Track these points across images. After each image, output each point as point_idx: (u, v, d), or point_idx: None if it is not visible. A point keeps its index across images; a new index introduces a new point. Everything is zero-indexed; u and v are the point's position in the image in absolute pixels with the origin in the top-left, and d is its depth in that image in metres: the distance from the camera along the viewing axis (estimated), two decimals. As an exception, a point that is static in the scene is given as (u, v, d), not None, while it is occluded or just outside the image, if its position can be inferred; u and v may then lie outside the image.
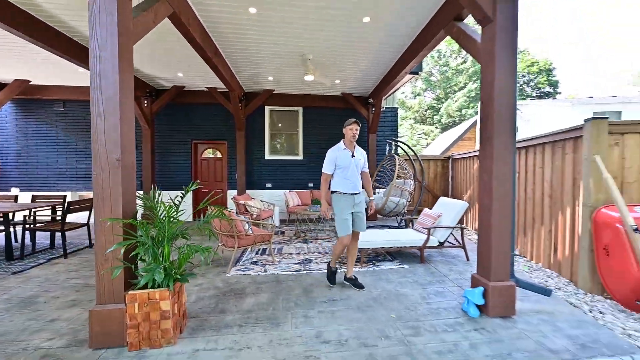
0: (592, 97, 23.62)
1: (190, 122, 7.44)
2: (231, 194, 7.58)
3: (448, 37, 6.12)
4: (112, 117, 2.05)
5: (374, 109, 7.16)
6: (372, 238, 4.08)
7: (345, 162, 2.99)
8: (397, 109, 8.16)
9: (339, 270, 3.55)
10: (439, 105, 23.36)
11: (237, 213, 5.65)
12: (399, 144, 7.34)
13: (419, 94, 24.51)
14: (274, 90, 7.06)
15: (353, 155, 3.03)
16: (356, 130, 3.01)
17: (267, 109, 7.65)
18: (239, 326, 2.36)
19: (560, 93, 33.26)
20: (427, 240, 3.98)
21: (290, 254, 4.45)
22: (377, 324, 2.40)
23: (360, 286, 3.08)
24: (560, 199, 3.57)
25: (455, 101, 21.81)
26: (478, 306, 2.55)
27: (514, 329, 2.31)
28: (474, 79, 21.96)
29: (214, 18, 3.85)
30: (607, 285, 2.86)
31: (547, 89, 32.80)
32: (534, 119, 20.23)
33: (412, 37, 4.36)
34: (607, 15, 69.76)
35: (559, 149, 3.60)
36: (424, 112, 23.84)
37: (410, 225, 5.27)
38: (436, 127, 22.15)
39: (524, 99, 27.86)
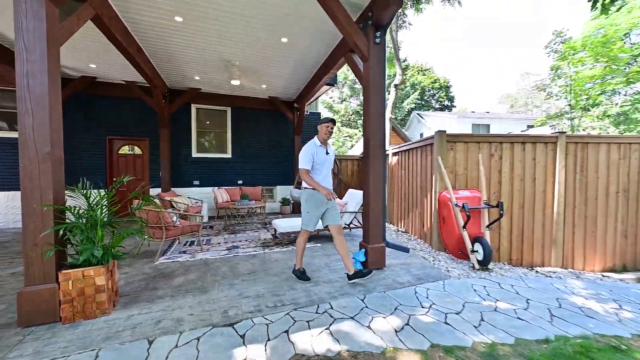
0: (473, 112, 29.64)
1: (105, 117, 6.94)
2: (155, 192, 7.36)
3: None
4: (41, 114, 2.24)
5: (298, 113, 7.97)
6: (292, 224, 4.82)
7: (321, 159, 3.02)
8: (319, 113, 9.18)
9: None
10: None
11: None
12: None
13: (345, 100, 26.73)
14: (200, 89, 7.19)
15: (327, 153, 3.09)
16: (331, 128, 3.03)
17: (193, 107, 7.68)
18: (171, 297, 2.77)
19: (455, 106, 40.46)
20: (336, 223, 4.94)
21: (219, 243, 4.86)
22: (289, 282, 3.13)
23: (367, 273, 3.12)
24: (426, 188, 4.96)
25: (375, 108, 24.61)
26: (362, 263, 3.52)
27: (382, 274, 3.35)
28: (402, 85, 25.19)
29: (137, 21, 4.00)
30: (445, 243, 4.24)
31: (447, 102, 39.55)
32: (434, 127, 24.46)
33: (322, 59, 5.33)
34: (487, 46, 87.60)
35: (424, 152, 4.99)
36: (349, 116, 26.13)
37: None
38: (360, 131, 24.61)
39: (428, 109, 33.00)
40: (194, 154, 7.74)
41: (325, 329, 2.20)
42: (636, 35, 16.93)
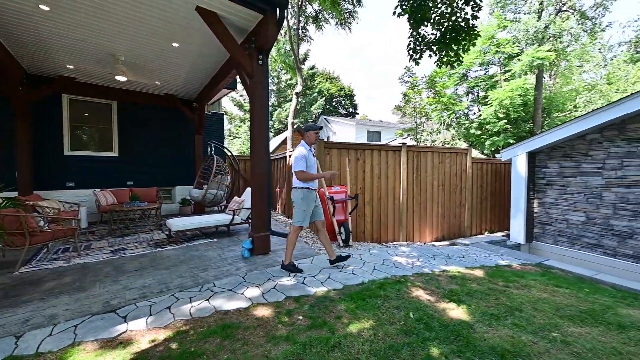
0: (370, 120, 34.16)
1: None
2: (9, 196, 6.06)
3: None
4: None
5: (198, 112, 7.93)
6: (187, 222, 5.00)
7: (311, 162, 3.42)
8: (222, 114, 9.29)
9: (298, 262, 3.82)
10: (273, 112, 26.57)
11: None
12: (219, 145, 8.49)
13: (255, 100, 26.77)
14: (75, 78, 6.34)
15: (314, 156, 3.53)
16: (318, 134, 3.51)
17: (65, 97, 6.67)
18: (41, 299, 2.71)
19: (358, 113, 45.52)
20: (233, 219, 5.38)
21: (102, 247, 4.59)
22: (177, 272, 3.44)
23: (346, 257, 3.64)
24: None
25: (285, 110, 25.65)
26: (250, 250, 4.12)
27: (265, 257, 4.03)
28: (301, 93, 26.63)
29: (-16, -4, 3.48)
30: (323, 229, 5.27)
31: (351, 109, 44.10)
32: (338, 132, 27.24)
33: (217, 67, 5.69)
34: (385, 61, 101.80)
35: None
36: (260, 116, 26.35)
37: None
38: (270, 131, 25.20)
39: (335, 115, 36.20)
40: (67, 152, 6.73)
41: (205, 300, 2.70)
42: (474, 72, 23.36)
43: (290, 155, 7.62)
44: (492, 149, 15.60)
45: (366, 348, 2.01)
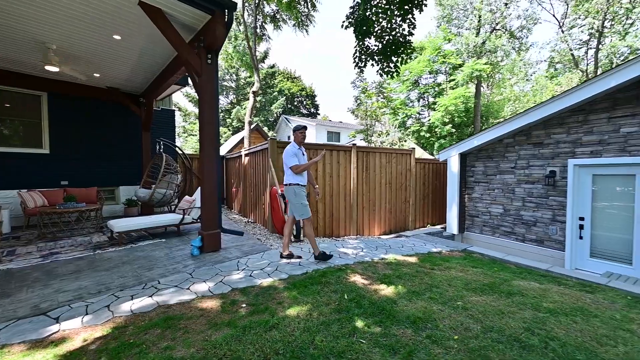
0: (330, 121, 34.93)
1: None
2: None
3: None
4: None
5: (146, 108, 7.53)
6: (132, 223, 4.80)
7: (301, 159, 3.71)
8: (174, 110, 8.90)
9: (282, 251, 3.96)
10: (232, 110, 25.85)
11: None
12: (169, 143, 8.15)
13: (212, 96, 25.77)
14: (-6, 64, 5.63)
15: (303, 154, 3.78)
16: (305, 134, 3.80)
17: (-19, 85, 5.88)
18: (-47, 309, 2.48)
19: (319, 114, 46.18)
20: (183, 219, 5.28)
21: (30, 252, 4.21)
22: (119, 273, 3.35)
23: (329, 256, 3.87)
24: (266, 184, 6.05)
25: (245, 108, 25.13)
26: (200, 248, 4.13)
27: (215, 255, 4.08)
28: (260, 92, 26.28)
29: None
30: (276, 227, 5.44)
31: (312, 109, 44.56)
32: (299, 131, 27.45)
33: (166, 62, 5.53)
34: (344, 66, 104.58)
35: (264, 155, 6.07)
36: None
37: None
38: (228, 129, 24.45)
39: (297, 114, 36.32)
40: (-17, 147, 5.93)
41: (149, 297, 2.72)
42: (425, 79, 25.35)
43: (245, 155, 7.63)
44: (440, 150, 17.18)
45: (301, 326, 2.25)
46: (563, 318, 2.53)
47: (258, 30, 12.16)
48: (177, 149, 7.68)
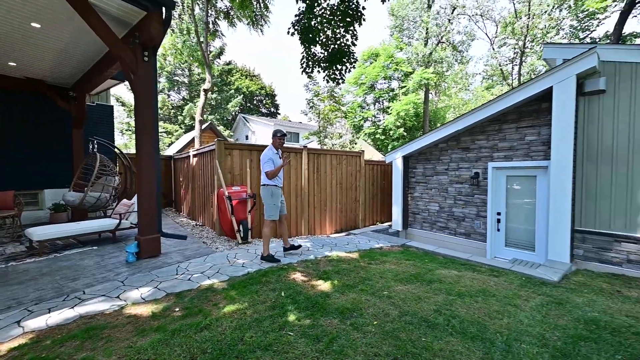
0: (290, 121, 34.91)
1: None
2: None
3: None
4: None
5: (77, 103, 6.82)
6: (56, 230, 4.35)
7: (277, 161, 4.04)
8: (112, 106, 8.19)
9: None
10: (184, 107, 24.41)
11: None
12: (105, 143, 7.50)
13: (162, 91, 24.03)
14: None
15: (280, 157, 4.13)
16: (284, 140, 4.18)
17: None
18: None
19: (280, 113, 45.74)
20: (119, 224, 4.93)
21: None
22: (36, 286, 3.06)
23: (297, 246, 4.39)
24: (214, 186, 5.92)
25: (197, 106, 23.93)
26: (136, 254, 3.93)
27: (154, 260, 3.92)
28: (215, 89, 25.24)
29: None
30: (223, 229, 5.38)
31: (272, 109, 44.02)
32: (258, 131, 26.99)
33: (100, 55, 5.10)
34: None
35: (212, 156, 5.94)
36: (169, 110, 23.80)
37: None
38: (181, 127, 23.04)
39: (256, 114, 35.61)
40: None
41: (69, 308, 2.55)
42: (380, 84, 26.72)
43: (194, 155, 7.36)
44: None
45: (233, 324, 2.33)
46: (468, 299, 2.97)
47: (210, 26, 11.72)
48: (115, 149, 7.09)
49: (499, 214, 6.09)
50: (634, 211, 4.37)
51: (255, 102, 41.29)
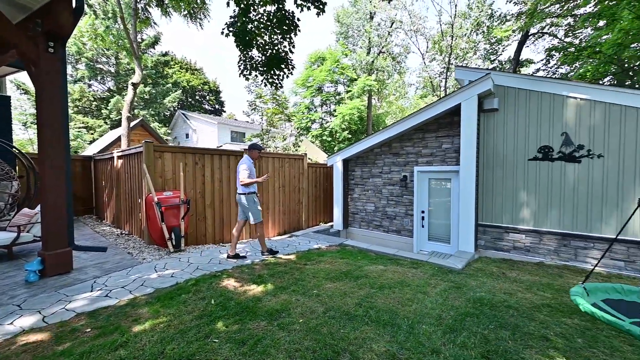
0: (236, 119, 33.62)
1: None
2: None
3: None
4: None
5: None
6: None
7: (254, 171, 4.62)
8: (9, 97, 6.88)
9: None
10: (110, 99, 21.61)
11: None
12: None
13: (81, 80, 20.86)
14: None
15: (254, 167, 4.68)
16: (260, 154, 5.11)
17: None
18: None
19: (225, 111, 43.60)
20: (18, 237, 4.22)
21: None
22: None
23: (276, 252, 4.94)
24: (142, 192, 5.46)
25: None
26: (40, 272, 3.43)
27: (63, 278, 3.48)
28: (149, 82, 22.91)
29: None
30: (153, 237, 5.01)
31: (217, 106, 41.73)
32: (199, 130, 25.34)
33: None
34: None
35: (139, 159, 5.47)
36: (90, 102, 20.77)
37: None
38: (106, 123, 20.31)
39: (195, 111, 33.30)
40: None
41: (-60, 344, 2.14)
42: (327, 87, 27.49)
43: (119, 157, 6.65)
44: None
45: (154, 339, 2.25)
46: (387, 291, 3.35)
47: (140, 13, 10.64)
48: (14, 148, 5.98)
49: (423, 212, 6.90)
50: (517, 208, 5.42)
51: (197, 97, 38.71)
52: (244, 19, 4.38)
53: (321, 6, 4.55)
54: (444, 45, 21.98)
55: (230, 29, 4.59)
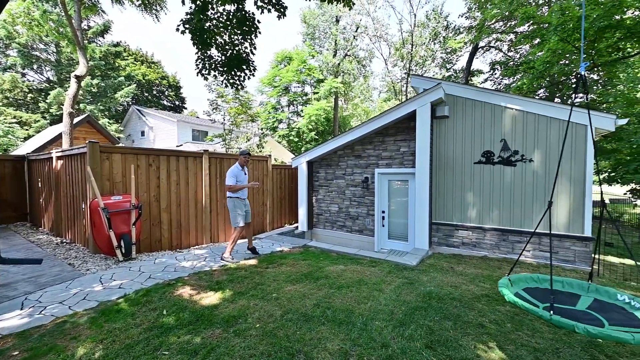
0: (198, 117, 32.06)
1: None
2: None
3: None
4: None
5: None
6: None
7: (241, 178, 4.93)
8: None
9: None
10: (50, 91, 19.30)
11: None
12: None
13: (11, 68, 18.34)
14: None
15: (245, 174, 5.02)
16: (248, 158, 5.13)
17: None
18: None
19: (186, 108, 41.33)
20: None
21: None
22: None
23: (257, 253, 5.23)
24: (86, 196, 4.99)
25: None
26: (-46, 292, 3.00)
27: (-14, 296, 3.08)
28: (98, 74, 20.89)
29: None
30: (99, 246, 4.61)
31: (177, 102, 39.41)
32: (157, 127, 23.71)
33: None
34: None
35: (83, 160, 4.99)
36: (24, 93, 18.34)
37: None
38: (44, 117, 18.08)
39: (152, 107, 31.12)
40: None
41: None
42: (294, 87, 27.36)
43: (58, 158, 6.01)
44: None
45: (96, 356, 2.10)
46: (345, 290, 3.47)
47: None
48: None
49: (383, 212, 7.22)
50: (465, 207, 5.93)
51: (155, 93, 36.25)
52: (201, 16, 4.22)
53: (282, 9, 4.55)
54: (404, 52, 23.15)
55: (186, 25, 4.40)
